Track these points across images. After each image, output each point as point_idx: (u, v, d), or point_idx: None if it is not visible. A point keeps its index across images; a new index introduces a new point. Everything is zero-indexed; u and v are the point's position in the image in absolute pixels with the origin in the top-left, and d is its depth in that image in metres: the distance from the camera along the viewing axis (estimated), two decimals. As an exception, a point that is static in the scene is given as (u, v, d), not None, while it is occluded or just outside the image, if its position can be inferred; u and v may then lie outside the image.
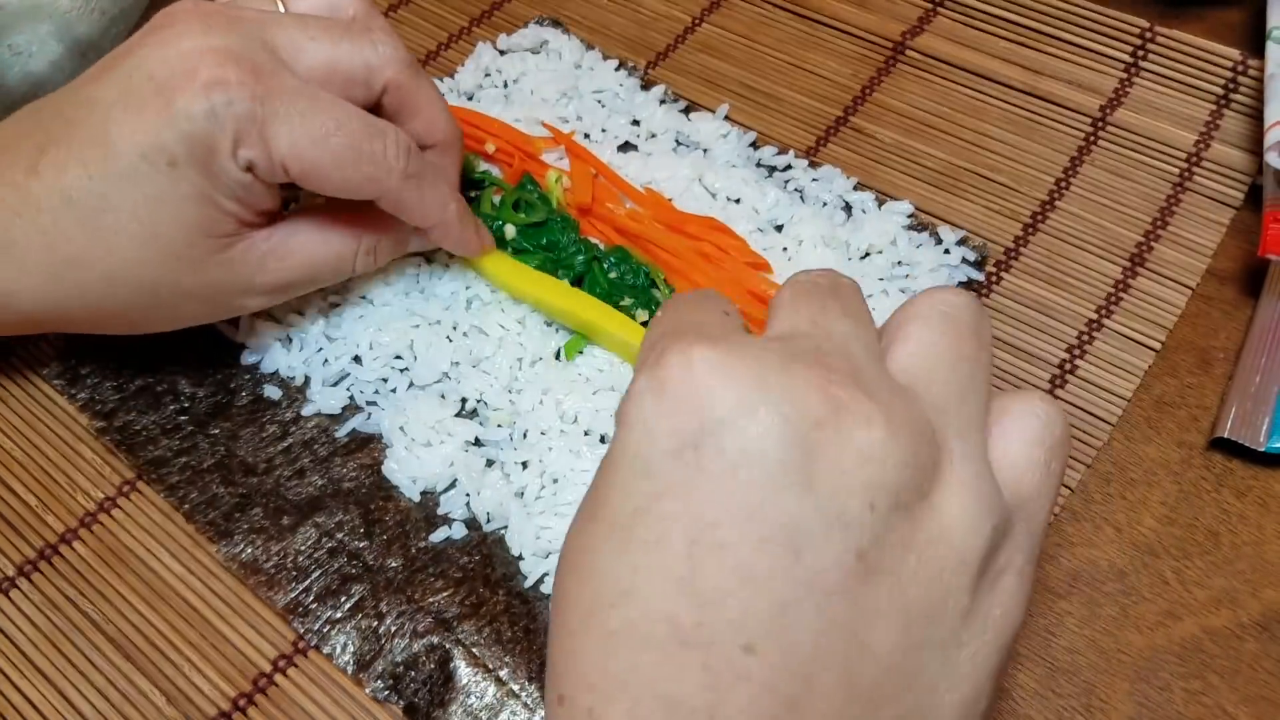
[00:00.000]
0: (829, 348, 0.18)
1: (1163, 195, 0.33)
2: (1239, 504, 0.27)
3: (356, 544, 0.28)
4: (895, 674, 0.16)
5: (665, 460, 0.17)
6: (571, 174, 0.34)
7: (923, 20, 0.39)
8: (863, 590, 0.16)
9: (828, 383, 0.17)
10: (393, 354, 0.31)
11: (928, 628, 0.16)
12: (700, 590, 0.16)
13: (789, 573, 0.16)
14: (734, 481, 0.16)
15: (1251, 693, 0.24)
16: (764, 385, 0.17)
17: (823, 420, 0.16)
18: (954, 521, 0.17)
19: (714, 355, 0.17)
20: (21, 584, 0.28)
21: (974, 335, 0.19)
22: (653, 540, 0.16)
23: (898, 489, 0.16)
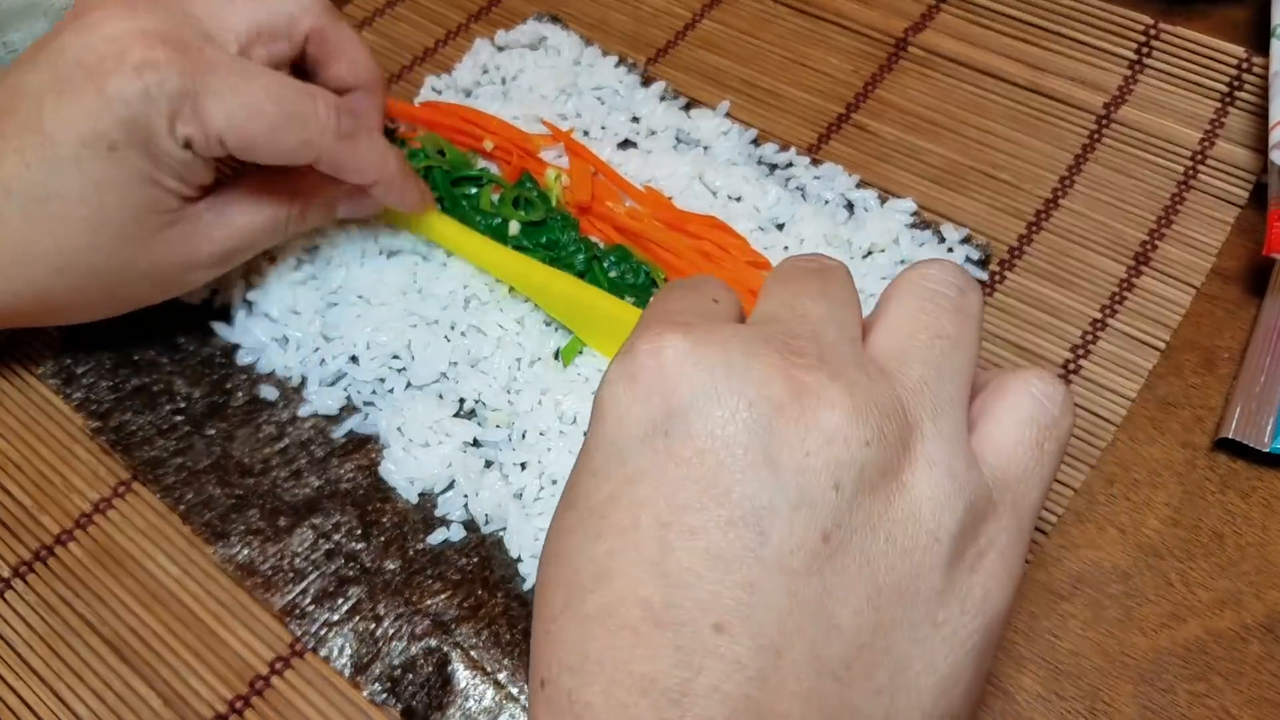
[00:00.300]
0: (800, 330, 0.18)
1: (1167, 193, 0.33)
2: (1243, 505, 0.27)
3: (354, 546, 0.27)
4: (866, 651, 0.16)
5: (637, 446, 0.17)
6: (571, 172, 0.34)
7: (925, 16, 0.38)
8: (830, 569, 0.16)
9: (792, 366, 0.17)
10: (390, 354, 0.30)
11: (899, 607, 0.17)
12: (671, 572, 0.16)
13: (756, 554, 0.16)
14: (702, 466, 0.17)
15: (1255, 695, 0.24)
16: (729, 371, 0.17)
17: (785, 404, 0.17)
18: (924, 499, 0.17)
19: (683, 343, 0.18)
20: (17, 585, 0.28)
21: (954, 311, 0.19)
22: (626, 525, 0.17)
23: (862, 468, 0.17)
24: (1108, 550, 0.26)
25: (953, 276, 0.20)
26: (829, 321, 0.19)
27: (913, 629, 0.17)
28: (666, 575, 0.16)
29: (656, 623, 0.16)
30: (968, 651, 0.17)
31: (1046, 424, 0.19)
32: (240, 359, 0.31)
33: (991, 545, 0.18)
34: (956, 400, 0.18)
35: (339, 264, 0.33)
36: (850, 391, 0.17)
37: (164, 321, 0.32)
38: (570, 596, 0.17)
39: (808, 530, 0.16)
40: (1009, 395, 0.19)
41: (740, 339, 0.18)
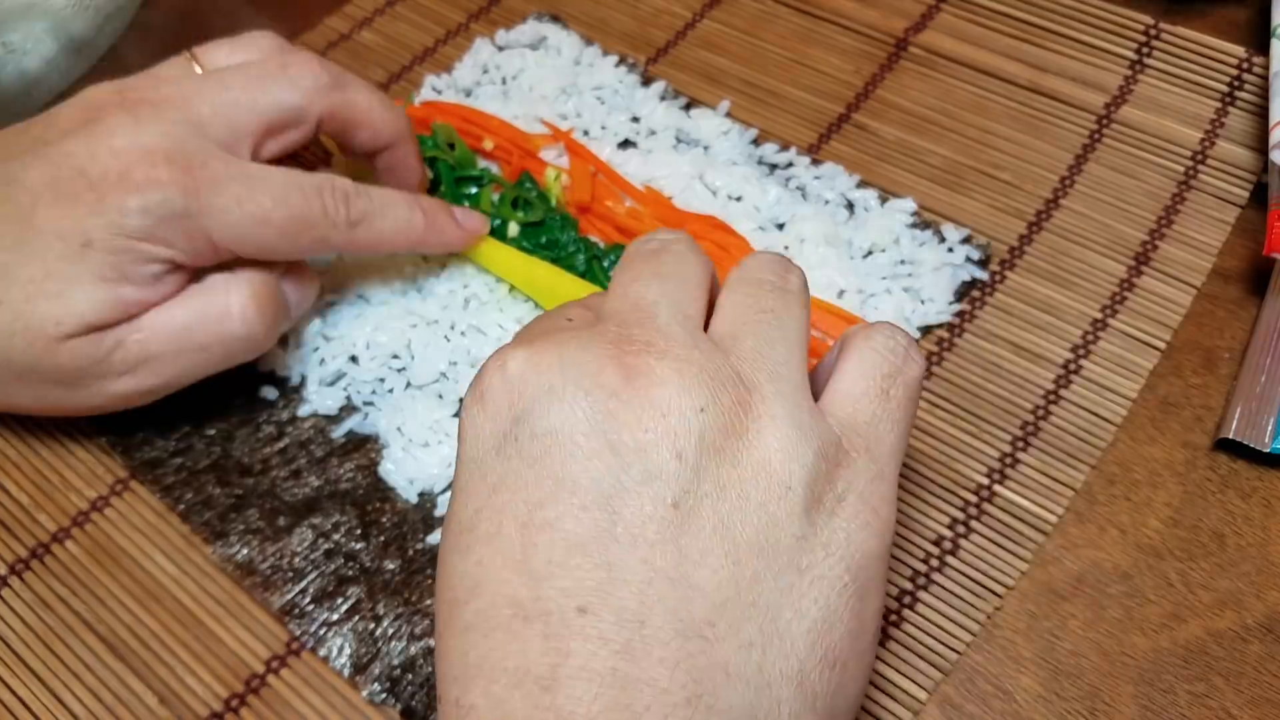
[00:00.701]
0: (632, 318, 0.19)
1: (1167, 193, 0.33)
2: (1244, 505, 0.27)
3: (353, 545, 0.27)
4: (730, 607, 0.17)
5: (493, 458, 0.18)
6: (570, 172, 0.34)
7: (925, 16, 0.38)
8: (683, 535, 0.17)
9: (623, 353, 0.18)
10: (390, 354, 0.30)
11: (759, 559, 0.17)
12: (534, 567, 0.17)
13: (610, 533, 0.17)
14: (550, 461, 0.18)
15: (1256, 695, 0.24)
16: (564, 367, 0.18)
17: (619, 389, 0.18)
18: (772, 452, 0.18)
19: (522, 353, 0.19)
20: (13, 583, 0.28)
21: (776, 291, 0.21)
22: (491, 532, 0.18)
23: (701, 434, 0.17)
24: (1108, 550, 0.26)
25: (771, 262, 0.21)
26: (660, 304, 0.20)
27: (776, 578, 0.17)
28: (531, 571, 0.17)
29: (525, 617, 0.17)
30: (839, 593, 0.18)
31: (889, 372, 0.20)
32: (239, 358, 0.31)
33: (850, 489, 0.18)
34: (792, 363, 0.19)
35: (338, 263, 0.32)
36: (679, 367, 0.18)
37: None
38: (451, 611, 0.18)
39: (656, 502, 0.17)
40: (853, 353, 0.20)
41: (575, 339, 0.19)
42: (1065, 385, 0.29)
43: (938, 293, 0.31)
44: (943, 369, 0.30)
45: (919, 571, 0.26)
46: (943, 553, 0.27)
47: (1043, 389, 0.29)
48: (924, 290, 0.31)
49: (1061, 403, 0.29)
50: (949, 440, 0.29)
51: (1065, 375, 0.30)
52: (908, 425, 0.20)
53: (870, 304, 0.31)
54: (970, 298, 0.31)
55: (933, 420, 0.29)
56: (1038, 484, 0.28)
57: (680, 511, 0.17)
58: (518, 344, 0.19)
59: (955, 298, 0.31)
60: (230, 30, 0.42)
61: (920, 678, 0.25)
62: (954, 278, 0.31)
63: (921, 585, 0.26)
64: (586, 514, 0.17)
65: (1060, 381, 0.29)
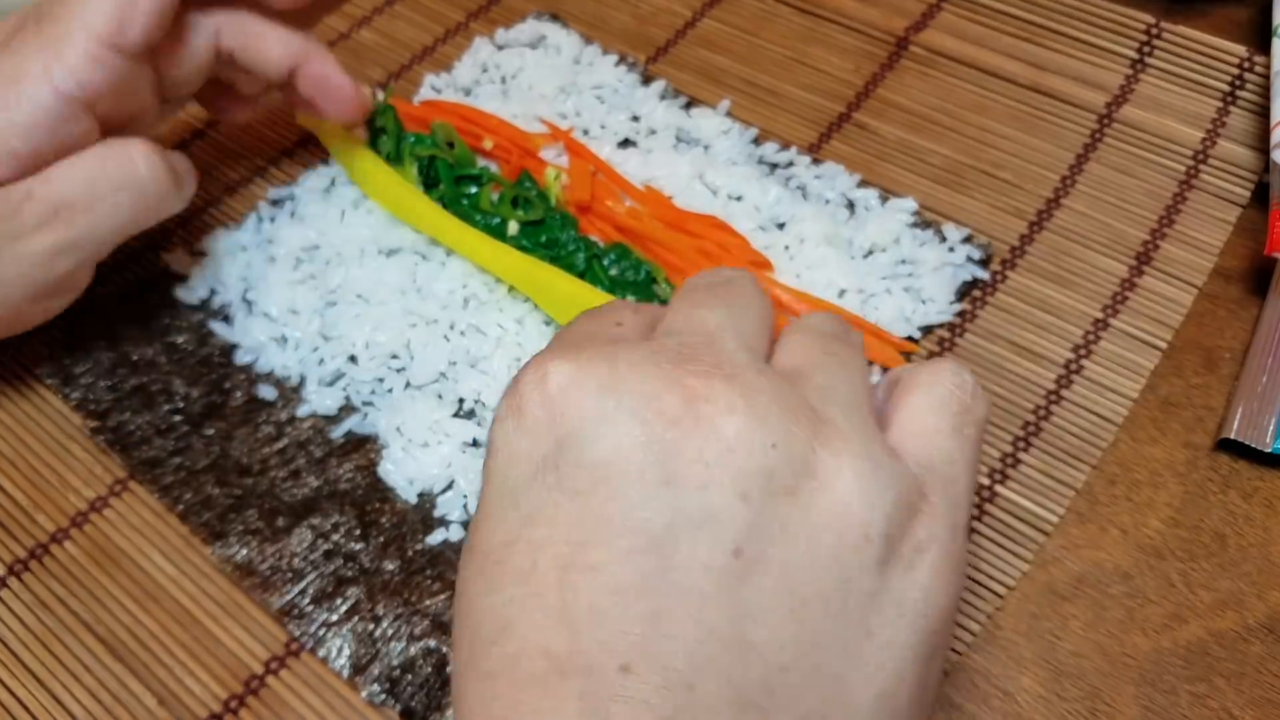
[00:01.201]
0: (696, 342, 0.17)
1: (1169, 193, 0.33)
2: (1245, 505, 0.27)
3: (352, 546, 0.27)
4: (791, 674, 0.15)
5: (528, 485, 0.16)
6: (570, 171, 0.34)
7: (926, 16, 0.38)
8: (744, 588, 0.15)
9: (684, 375, 0.16)
10: (389, 353, 0.30)
11: (826, 619, 0.15)
12: (574, 617, 0.15)
13: (660, 580, 0.15)
14: (596, 496, 0.16)
15: (1258, 696, 0.24)
16: (618, 391, 0.16)
17: (679, 415, 0.16)
18: (848, 495, 0.16)
19: (568, 368, 0.17)
20: (11, 583, 0.28)
21: (841, 339, 0.20)
22: (525, 570, 0.16)
23: (770, 473, 0.16)
24: (1109, 551, 0.26)
25: (832, 318, 0.20)
26: (727, 329, 0.18)
27: (844, 643, 0.15)
28: (569, 619, 0.15)
29: (561, 672, 0.15)
30: (910, 659, 0.16)
31: (958, 409, 0.18)
32: (239, 358, 0.31)
33: (932, 540, 0.16)
34: (863, 402, 0.18)
35: (338, 263, 0.32)
36: (748, 394, 0.16)
37: (162, 321, 0.32)
38: (473, 651, 0.16)
39: (714, 548, 0.15)
40: (919, 387, 0.18)
41: (630, 354, 0.17)
42: (1066, 385, 0.29)
43: (938, 292, 0.31)
44: (943, 369, 0.30)
45: (920, 572, 0.26)
46: (943, 553, 0.27)
47: (1044, 389, 0.29)
48: (925, 290, 0.31)
49: (1062, 403, 0.29)
50: (950, 440, 0.29)
51: (1066, 375, 0.29)
52: (977, 469, 0.18)
53: (871, 304, 0.31)
54: (971, 297, 0.31)
55: (933, 420, 0.29)
56: (1039, 484, 0.28)
57: (742, 560, 0.15)
58: (561, 352, 0.17)
59: (956, 297, 0.31)
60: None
61: (921, 678, 0.25)
62: (955, 277, 0.31)
63: (922, 586, 0.26)
64: (635, 559, 0.15)
65: (1061, 381, 0.29)
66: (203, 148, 0.38)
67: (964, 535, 0.17)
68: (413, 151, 0.34)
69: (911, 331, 0.30)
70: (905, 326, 0.30)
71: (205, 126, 0.38)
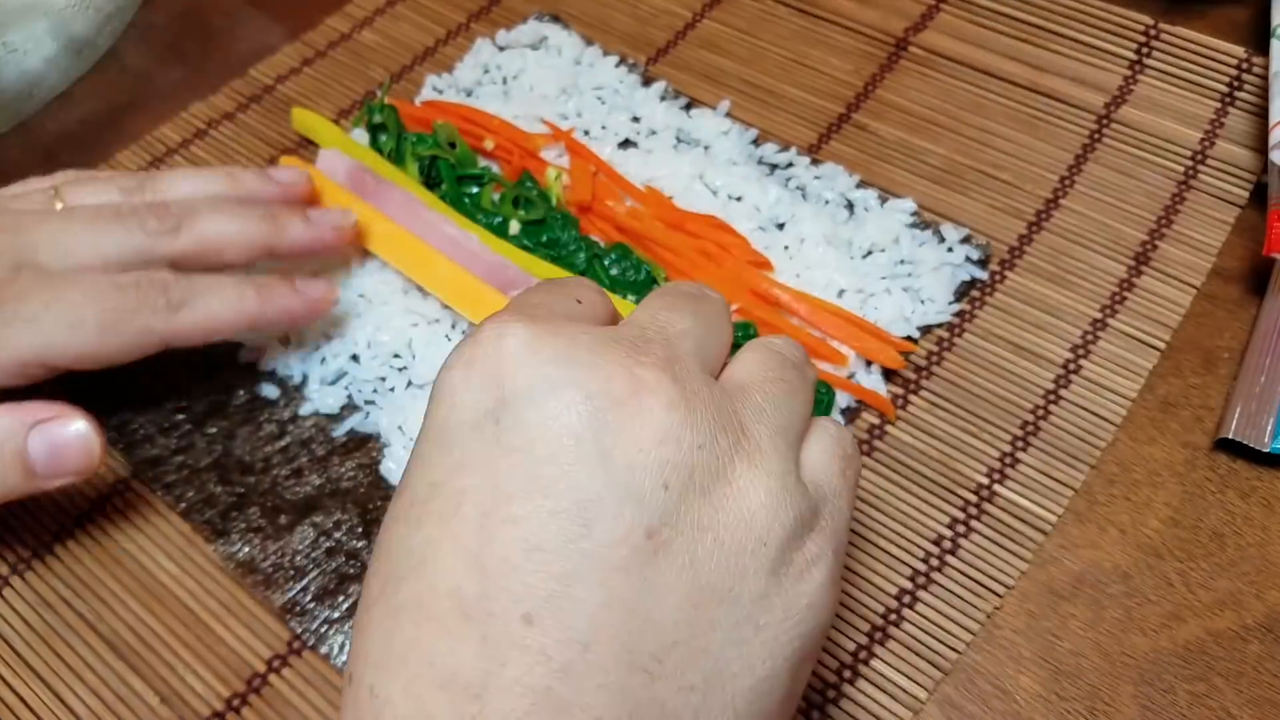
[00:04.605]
0: (654, 336, 0.19)
1: (1167, 193, 0.33)
2: (1243, 505, 0.27)
3: (354, 544, 0.27)
4: (681, 648, 0.16)
5: (465, 433, 0.17)
6: (571, 171, 0.34)
7: (925, 16, 0.38)
8: (650, 566, 0.16)
9: (636, 364, 0.17)
10: (391, 353, 0.30)
11: (719, 606, 0.17)
12: (487, 563, 0.16)
13: (576, 546, 0.16)
14: (531, 455, 0.16)
15: (1256, 695, 0.24)
16: (571, 364, 0.17)
17: (624, 399, 0.17)
18: (757, 506, 0.17)
19: (527, 332, 0.17)
20: (15, 582, 0.28)
21: (795, 367, 0.20)
22: (447, 513, 0.17)
23: (693, 470, 0.17)
24: (1108, 550, 0.26)
25: (795, 345, 0.21)
26: (688, 336, 0.19)
27: (733, 630, 0.17)
28: (482, 565, 0.16)
29: (465, 615, 0.16)
30: (786, 658, 0.17)
31: (844, 455, 0.20)
32: (242, 358, 0.31)
33: (820, 557, 0.18)
34: (792, 431, 0.19)
35: (339, 263, 0.32)
36: (688, 397, 0.17)
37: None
38: (384, 586, 0.17)
39: (632, 526, 0.16)
40: (814, 432, 0.20)
41: (588, 336, 0.18)
42: (1065, 385, 0.29)
43: (937, 292, 0.31)
44: (942, 369, 0.30)
45: (919, 571, 0.26)
46: (943, 552, 0.27)
47: (1042, 389, 0.29)
48: (924, 290, 0.31)
49: (1061, 403, 0.29)
50: (949, 440, 0.29)
51: (1065, 375, 0.30)
52: (852, 508, 0.20)
53: (870, 304, 0.31)
54: (970, 297, 0.31)
55: (933, 420, 0.29)
56: (1038, 484, 0.28)
57: (653, 542, 0.16)
58: (520, 316, 0.18)
59: (955, 297, 0.31)
60: (230, 30, 0.42)
61: (920, 677, 0.25)
62: (954, 277, 0.31)
63: (921, 585, 0.26)
64: (556, 520, 0.16)
65: (1060, 381, 0.29)
66: (205, 148, 0.38)
67: (842, 561, 0.19)
68: (414, 152, 0.34)
69: (910, 331, 0.30)
70: (904, 326, 0.30)
71: (207, 126, 0.39)
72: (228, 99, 0.39)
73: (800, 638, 0.18)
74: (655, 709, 0.16)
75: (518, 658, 0.15)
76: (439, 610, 0.16)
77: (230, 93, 0.39)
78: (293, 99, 0.39)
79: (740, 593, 0.17)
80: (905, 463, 0.28)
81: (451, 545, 0.16)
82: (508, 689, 0.15)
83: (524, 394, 0.17)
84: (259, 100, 0.39)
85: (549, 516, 0.16)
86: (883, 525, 0.27)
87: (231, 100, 0.39)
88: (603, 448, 0.16)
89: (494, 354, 0.17)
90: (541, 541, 0.16)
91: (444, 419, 0.18)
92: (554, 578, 0.16)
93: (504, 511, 0.16)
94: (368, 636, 0.17)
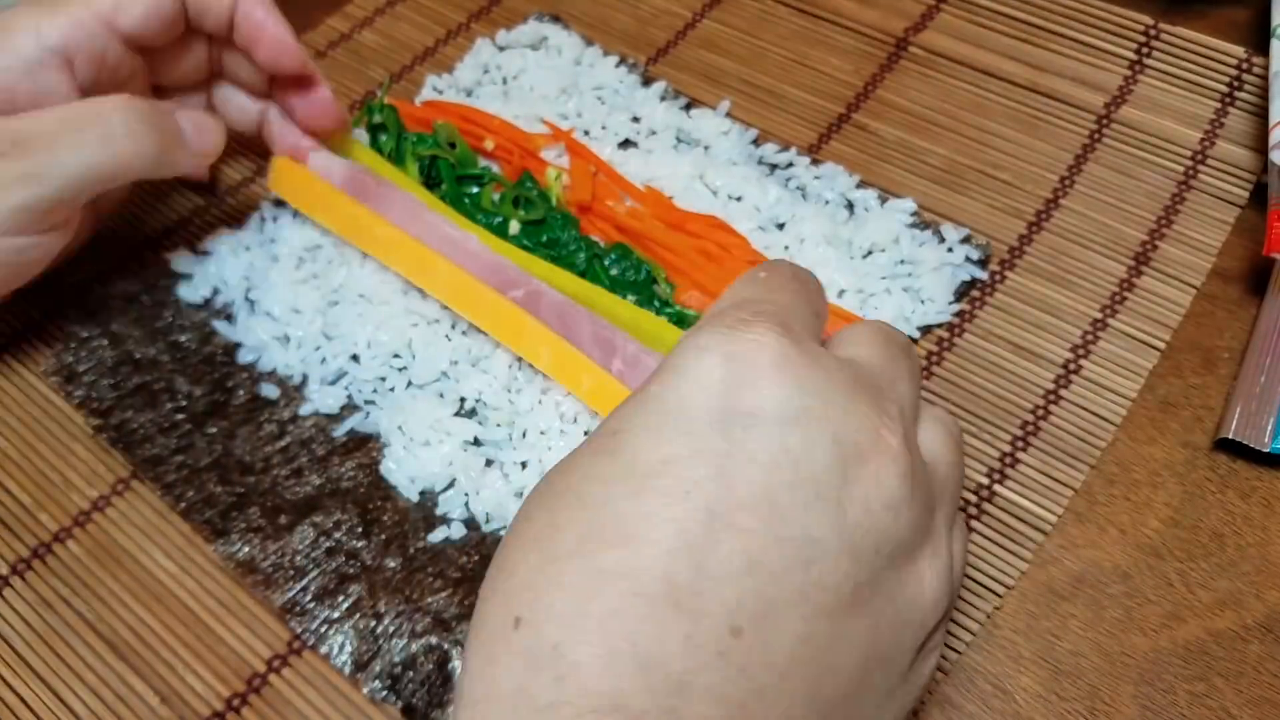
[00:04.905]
0: (890, 394, 0.19)
1: (1167, 193, 0.33)
2: (1243, 505, 0.27)
3: (354, 544, 0.27)
4: (849, 701, 0.17)
5: (710, 426, 0.17)
6: (571, 171, 0.34)
7: (925, 17, 0.38)
8: (847, 620, 0.17)
9: (882, 425, 0.18)
10: (391, 353, 0.30)
11: (880, 672, 0.18)
12: (706, 561, 0.16)
13: (794, 578, 0.16)
14: (773, 474, 0.17)
15: (1256, 695, 0.24)
16: (826, 402, 0.17)
17: (867, 457, 0.17)
18: (929, 592, 0.19)
19: (794, 353, 0.18)
20: (15, 582, 0.28)
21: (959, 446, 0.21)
22: (676, 496, 0.16)
23: (899, 544, 0.18)
24: (1108, 550, 0.26)
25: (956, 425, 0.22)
26: (908, 401, 0.20)
27: (883, 695, 0.18)
28: (701, 563, 0.16)
29: (676, 604, 0.16)
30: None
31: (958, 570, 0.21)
32: (241, 357, 0.31)
33: (937, 646, 0.20)
34: (954, 511, 0.20)
35: (340, 263, 0.33)
36: (914, 472, 0.18)
37: (166, 320, 0.32)
38: (585, 543, 0.16)
39: (846, 577, 0.17)
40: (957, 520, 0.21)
41: (843, 374, 0.18)
42: (1065, 385, 0.29)
43: (937, 292, 0.31)
44: (942, 369, 0.30)
45: (919, 571, 0.26)
46: (943, 552, 0.27)
47: (1042, 389, 0.29)
48: (924, 290, 0.31)
49: (1061, 403, 0.29)
50: (949, 440, 0.29)
51: (1065, 375, 0.30)
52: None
53: (870, 304, 0.31)
54: (970, 298, 0.31)
55: (933, 420, 0.29)
56: (1037, 484, 0.28)
57: (855, 598, 0.17)
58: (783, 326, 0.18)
59: (955, 297, 0.31)
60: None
61: (920, 677, 0.25)
62: (954, 277, 0.31)
63: (921, 584, 0.26)
64: (781, 547, 0.16)
65: (1060, 381, 0.29)
66: (205, 148, 0.38)
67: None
68: (415, 152, 0.34)
69: (911, 331, 0.30)
70: (904, 326, 0.30)
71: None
72: (228, 99, 0.39)
73: (907, 709, 0.19)
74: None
75: (719, 666, 0.16)
76: (650, 590, 0.16)
77: (230, 93, 0.39)
78: (293, 99, 0.39)
79: (895, 664, 0.18)
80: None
81: (675, 529, 0.16)
82: (706, 693, 0.15)
83: (780, 415, 0.17)
84: (259, 100, 0.39)
85: (776, 541, 0.16)
86: (883, 525, 0.27)
87: (232, 100, 0.39)
88: (839, 496, 0.17)
89: (753, 360, 0.17)
90: (765, 561, 0.16)
91: (686, 400, 0.17)
92: (767, 600, 0.16)
93: (734, 518, 0.16)
94: (557, 588, 0.16)
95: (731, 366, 0.17)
